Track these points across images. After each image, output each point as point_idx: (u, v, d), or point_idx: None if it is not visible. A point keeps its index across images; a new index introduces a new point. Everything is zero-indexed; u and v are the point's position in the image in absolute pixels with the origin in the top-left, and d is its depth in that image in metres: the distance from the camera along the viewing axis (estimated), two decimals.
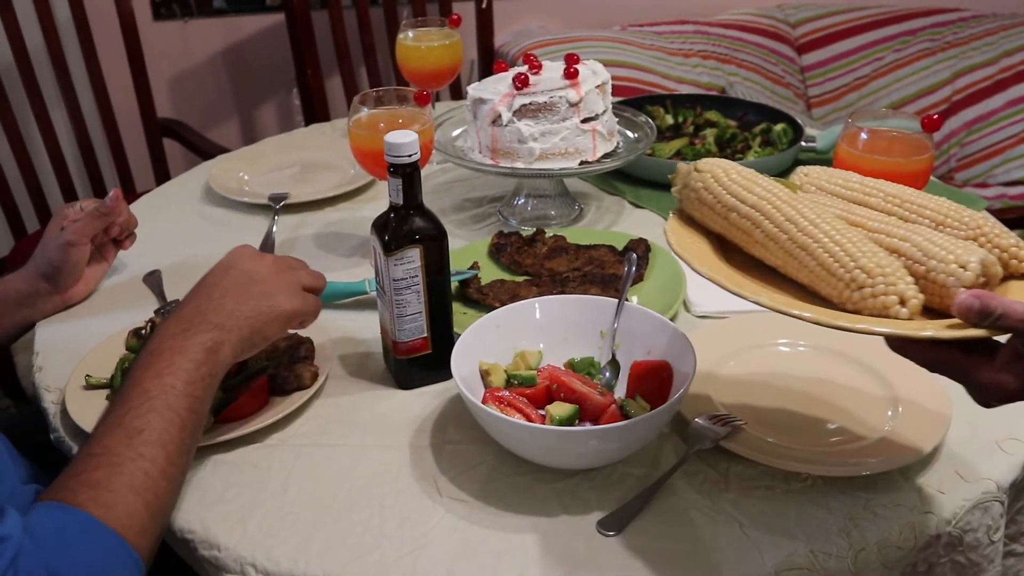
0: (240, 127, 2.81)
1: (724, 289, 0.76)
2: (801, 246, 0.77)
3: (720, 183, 0.84)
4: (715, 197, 0.84)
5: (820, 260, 0.76)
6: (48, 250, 1.18)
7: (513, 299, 1.15)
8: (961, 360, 0.71)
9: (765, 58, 2.80)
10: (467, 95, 1.39)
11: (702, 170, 0.85)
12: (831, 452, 0.92)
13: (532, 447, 0.90)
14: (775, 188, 0.82)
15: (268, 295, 0.94)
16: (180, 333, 0.88)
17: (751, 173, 0.84)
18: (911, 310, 0.72)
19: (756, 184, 0.83)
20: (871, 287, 0.73)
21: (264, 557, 0.83)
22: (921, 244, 0.76)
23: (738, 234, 0.83)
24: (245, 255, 0.98)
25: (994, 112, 2.84)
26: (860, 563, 0.82)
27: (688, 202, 0.87)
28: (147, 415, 0.82)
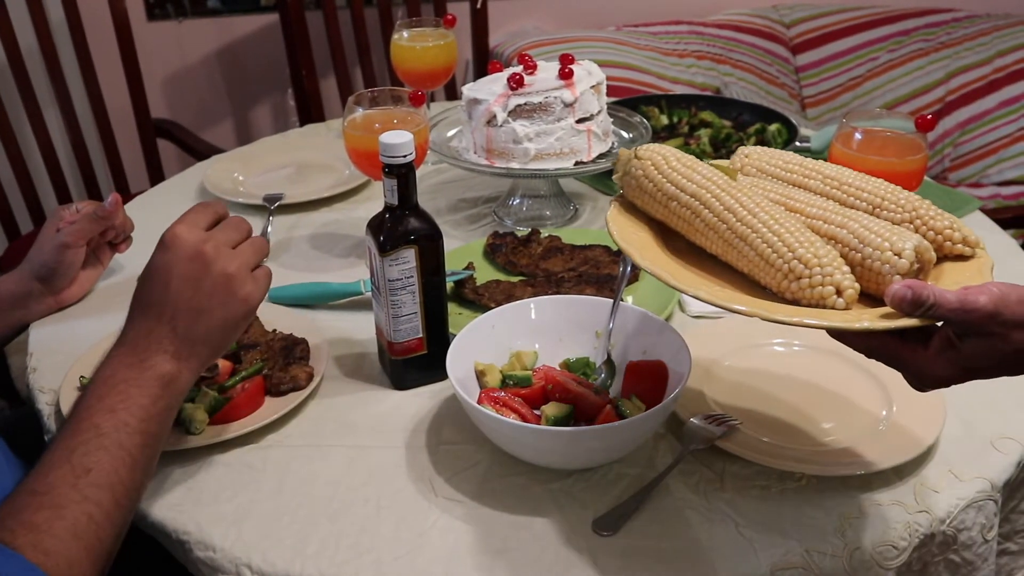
0: (235, 127, 2.81)
1: (665, 284, 0.76)
2: (740, 236, 0.78)
3: (660, 171, 0.84)
4: (655, 185, 0.84)
5: (759, 250, 0.76)
6: (43, 251, 1.18)
7: (508, 299, 1.15)
8: (897, 347, 0.72)
9: (760, 58, 2.80)
10: (462, 95, 1.39)
11: (642, 157, 0.85)
12: (826, 452, 0.92)
13: (528, 447, 0.90)
14: (714, 175, 0.82)
15: (223, 302, 0.85)
16: (136, 364, 0.82)
17: (691, 160, 0.84)
18: (847, 300, 0.73)
19: (695, 172, 0.83)
20: (808, 277, 0.74)
21: (260, 558, 0.83)
22: (857, 231, 0.76)
23: (679, 222, 0.83)
24: (181, 256, 0.84)
25: (988, 112, 2.85)
26: (855, 562, 0.82)
27: (629, 189, 0.87)
28: (96, 453, 0.77)
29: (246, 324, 0.89)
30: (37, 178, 2.13)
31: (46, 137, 2.11)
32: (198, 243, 0.84)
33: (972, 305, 0.66)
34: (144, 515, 0.89)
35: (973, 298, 0.67)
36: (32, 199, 2.11)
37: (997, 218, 1.54)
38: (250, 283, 0.87)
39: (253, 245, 0.90)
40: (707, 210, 0.80)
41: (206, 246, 0.84)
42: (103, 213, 1.21)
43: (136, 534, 0.90)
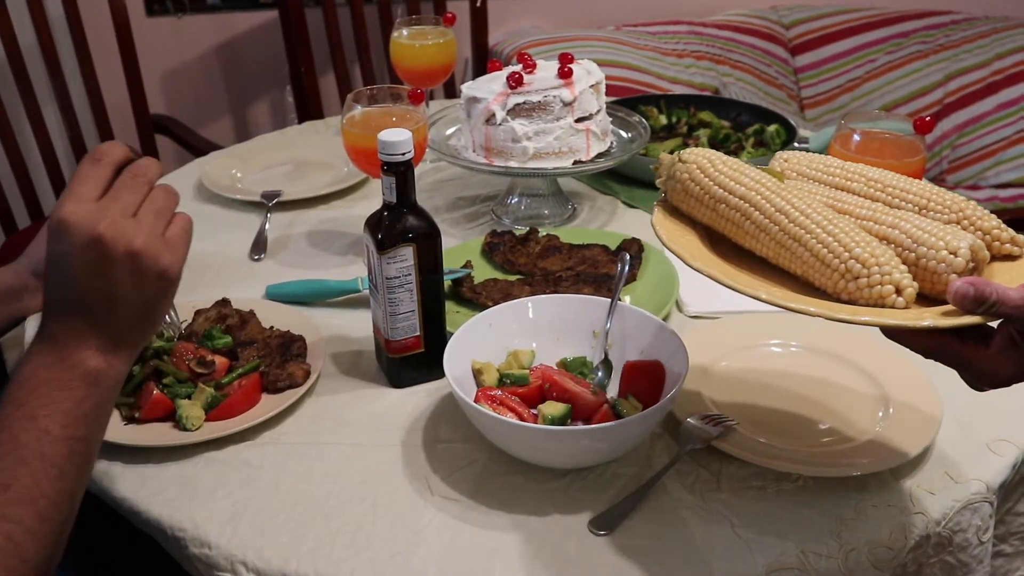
0: (233, 124, 2.81)
1: (720, 284, 0.75)
2: (793, 237, 0.77)
3: (706, 174, 0.83)
4: (702, 188, 0.83)
5: (813, 251, 0.76)
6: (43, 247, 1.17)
7: (506, 298, 1.15)
8: (956, 347, 0.71)
9: (759, 59, 2.81)
10: (461, 94, 1.39)
11: (687, 160, 0.84)
12: (822, 453, 0.92)
13: (524, 446, 0.90)
14: (763, 178, 0.81)
15: (136, 285, 0.74)
16: (56, 363, 0.73)
17: (736, 163, 0.83)
18: (907, 299, 0.72)
19: (743, 174, 0.82)
20: (866, 277, 0.73)
21: (255, 556, 0.83)
22: (910, 231, 0.76)
23: (727, 225, 0.82)
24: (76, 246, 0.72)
25: (986, 115, 2.85)
26: (850, 563, 0.82)
27: (674, 193, 0.86)
28: (15, 468, 0.70)
29: (171, 297, 0.79)
30: (35, 174, 2.12)
31: (44, 133, 2.10)
32: (90, 226, 0.72)
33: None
34: (139, 512, 0.88)
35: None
36: (30, 195, 2.10)
37: None
38: (164, 253, 0.75)
39: (155, 204, 0.76)
40: (758, 212, 0.79)
41: (100, 227, 0.72)
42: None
43: (131, 531, 0.90)
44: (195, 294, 1.23)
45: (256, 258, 1.34)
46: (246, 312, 1.12)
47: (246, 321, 1.11)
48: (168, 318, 1.14)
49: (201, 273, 1.30)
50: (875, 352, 1.06)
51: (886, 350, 1.06)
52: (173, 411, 0.96)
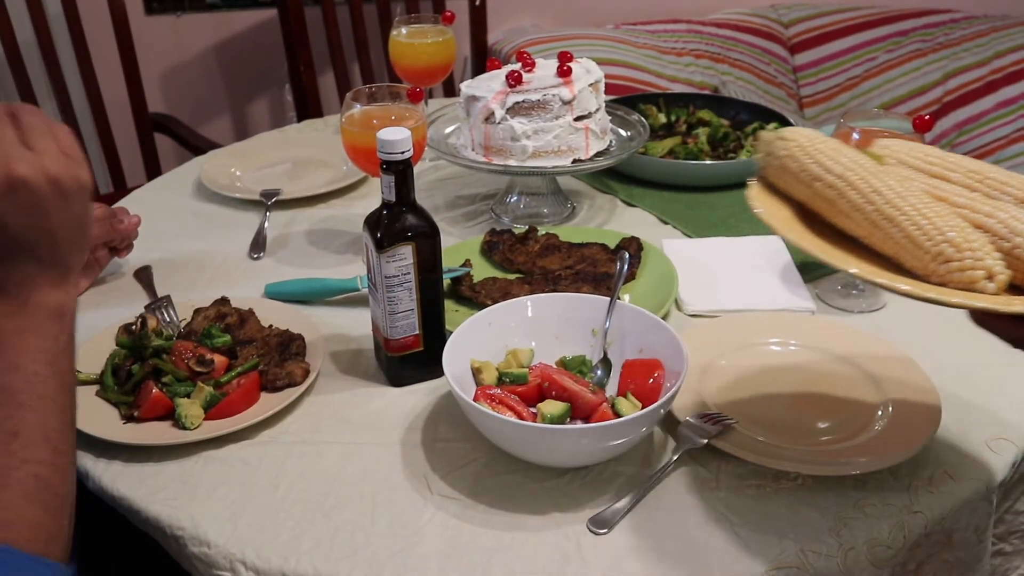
0: (232, 123, 2.80)
1: (812, 256, 0.76)
2: (887, 217, 0.78)
3: (806, 152, 0.84)
4: (800, 166, 0.83)
5: (907, 232, 0.76)
6: None
7: (505, 297, 1.15)
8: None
9: (758, 57, 2.81)
10: (460, 92, 1.39)
11: (787, 138, 0.85)
12: (821, 451, 0.92)
13: (523, 445, 0.90)
14: (861, 159, 0.82)
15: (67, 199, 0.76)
16: (18, 311, 0.75)
17: (836, 143, 0.84)
18: (998, 285, 0.72)
19: (842, 154, 0.83)
20: (958, 261, 0.73)
21: (254, 554, 0.83)
22: (1007, 221, 0.76)
23: (822, 203, 0.83)
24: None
25: (985, 113, 2.85)
26: (849, 562, 0.82)
27: (771, 170, 0.87)
28: (19, 414, 0.73)
29: (91, 206, 0.81)
30: None
31: None
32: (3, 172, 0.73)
33: None
34: (138, 510, 0.88)
35: None
36: None
37: None
38: (74, 167, 0.77)
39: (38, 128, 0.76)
40: (853, 191, 0.80)
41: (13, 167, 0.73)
42: (121, 229, 1.21)
43: (130, 530, 0.90)
44: (194, 293, 1.23)
45: (255, 257, 1.34)
46: (245, 311, 1.12)
47: (245, 320, 1.11)
48: (167, 316, 1.14)
49: (200, 272, 1.30)
50: (874, 351, 1.06)
51: (885, 349, 1.06)
52: (172, 410, 0.96)
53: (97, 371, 1.03)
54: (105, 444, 0.95)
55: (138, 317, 1.09)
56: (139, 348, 1.03)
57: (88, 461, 0.94)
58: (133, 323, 1.09)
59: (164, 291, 1.22)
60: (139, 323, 1.07)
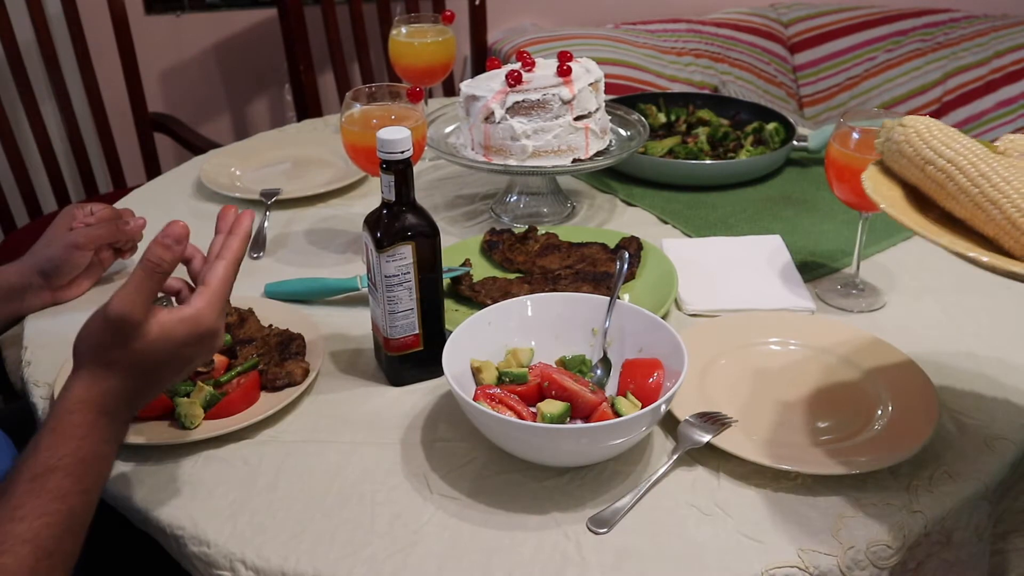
0: (232, 122, 2.80)
1: (905, 226, 0.81)
2: (991, 200, 0.82)
3: (921, 137, 0.88)
4: (915, 150, 0.88)
5: (1007, 214, 0.81)
6: (52, 247, 1.18)
7: (505, 296, 1.15)
8: None
9: (758, 57, 2.80)
10: (460, 92, 1.39)
11: (906, 125, 0.89)
12: (821, 451, 0.92)
13: (523, 444, 0.90)
14: (974, 146, 0.86)
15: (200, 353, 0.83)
16: (113, 440, 0.79)
17: (952, 131, 0.88)
18: None
19: (955, 141, 0.87)
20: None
21: (254, 554, 0.83)
22: None
23: (931, 186, 0.87)
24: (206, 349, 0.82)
25: (985, 113, 2.85)
26: (849, 561, 0.82)
27: (889, 154, 0.91)
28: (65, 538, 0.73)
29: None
30: (34, 172, 2.12)
31: (43, 131, 2.10)
32: (217, 330, 0.82)
33: None
34: (138, 510, 0.88)
35: None
36: (29, 193, 2.10)
37: None
38: (220, 332, 0.84)
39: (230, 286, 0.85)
40: (961, 175, 0.84)
41: (217, 321, 0.82)
42: (127, 231, 1.22)
43: (130, 529, 0.90)
44: None
45: (255, 256, 1.34)
46: (245, 310, 1.12)
47: (245, 319, 1.11)
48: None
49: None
50: (874, 350, 1.06)
51: (885, 348, 1.06)
52: (172, 409, 0.96)
53: None
54: None
55: None
56: None
57: None
58: None
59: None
60: None
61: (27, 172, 2.09)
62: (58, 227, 1.19)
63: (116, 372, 0.78)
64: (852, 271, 1.23)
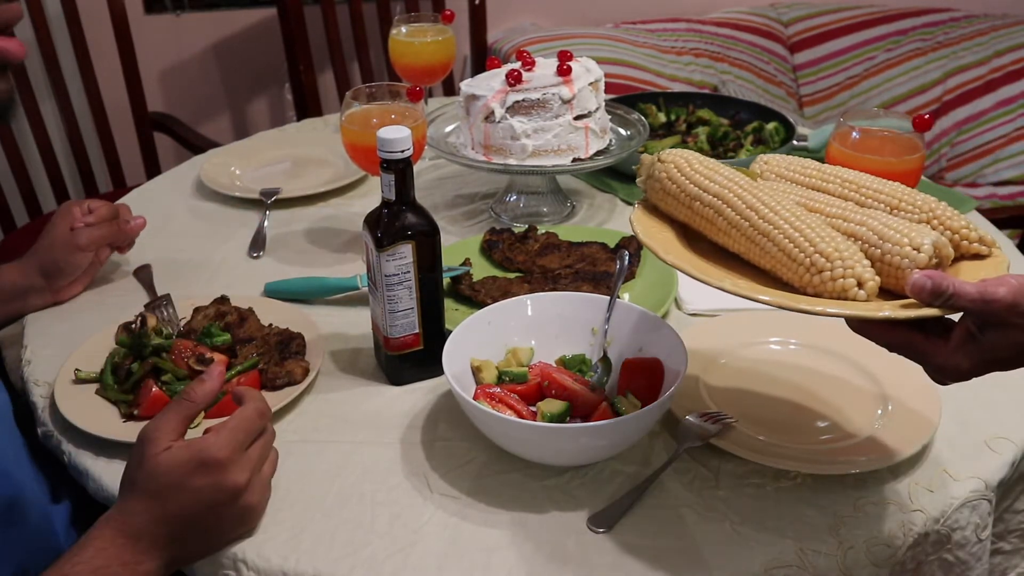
0: (232, 122, 2.80)
1: (689, 276, 0.78)
2: (762, 232, 0.80)
3: (683, 173, 0.86)
4: (679, 187, 0.86)
5: (780, 246, 0.78)
6: (55, 249, 1.17)
7: (505, 296, 1.15)
8: (918, 341, 0.73)
9: (757, 56, 2.80)
10: (460, 91, 1.39)
11: (665, 160, 0.87)
12: (821, 450, 0.92)
13: (523, 444, 0.90)
14: (736, 177, 0.84)
15: (233, 525, 0.83)
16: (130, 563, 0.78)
17: (713, 163, 0.86)
18: (868, 292, 0.74)
19: (718, 173, 0.85)
20: (830, 271, 0.75)
21: (255, 554, 0.83)
22: (876, 228, 0.78)
23: (702, 222, 0.85)
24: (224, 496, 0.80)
25: (985, 112, 2.85)
26: (849, 561, 0.82)
27: (653, 192, 0.89)
28: None
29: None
30: (33, 171, 2.12)
31: (43, 130, 2.10)
32: (240, 484, 0.81)
33: (991, 296, 0.67)
34: None
35: (992, 289, 0.67)
36: (28, 192, 2.10)
37: (993, 218, 1.55)
38: (263, 501, 0.85)
39: (264, 445, 0.86)
40: (730, 208, 0.82)
41: (242, 477, 0.81)
42: (127, 231, 1.22)
43: None
44: (194, 291, 1.23)
45: (255, 255, 1.34)
46: (245, 309, 1.12)
47: (245, 318, 1.11)
48: (167, 315, 1.14)
49: (200, 270, 1.30)
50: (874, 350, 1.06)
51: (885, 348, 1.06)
52: None
53: (97, 370, 1.03)
54: (105, 443, 0.95)
55: (138, 316, 1.09)
56: (139, 347, 1.03)
57: (88, 460, 0.94)
58: (133, 322, 1.09)
59: (164, 290, 1.22)
60: (139, 322, 1.07)
61: (27, 171, 2.09)
62: (58, 227, 1.19)
63: (133, 491, 0.80)
64: None
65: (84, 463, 0.94)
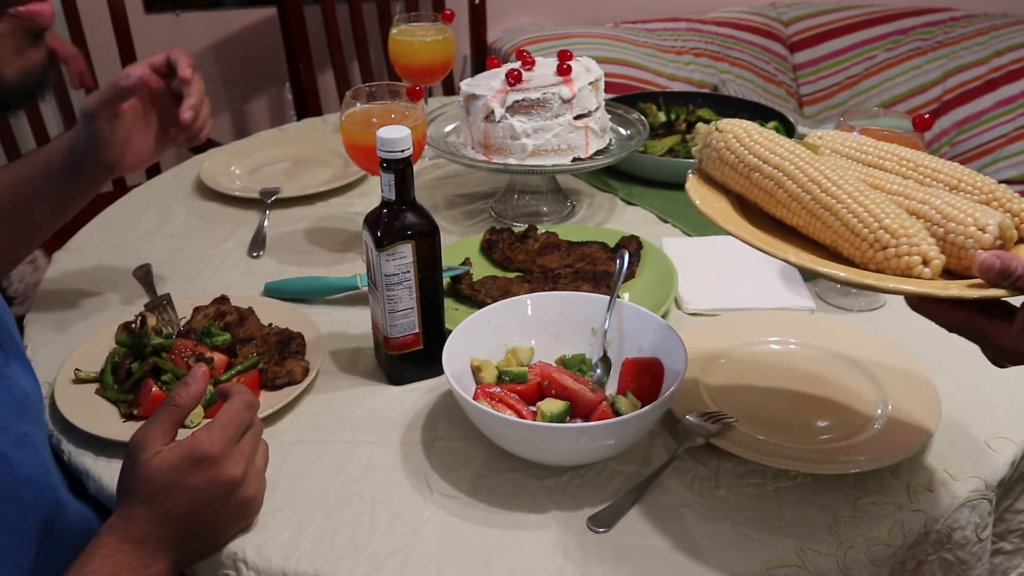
0: (232, 121, 2.80)
1: (751, 246, 0.76)
2: (824, 206, 0.78)
3: (742, 143, 0.84)
4: (737, 157, 0.84)
5: (844, 220, 0.76)
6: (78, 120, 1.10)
7: (505, 295, 1.15)
8: (981, 322, 0.72)
9: (757, 56, 2.80)
10: (460, 91, 1.39)
11: (723, 130, 0.85)
12: (821, 450, 0.92)
13: (523, 444, 0.90)
14: (797, 149, 0.82)
15: (236, 519, 0.84)
16: (139, 567, 0.78)
17: (772, 134, 0.85)
18: (933, 270, 0.73)
19: (778, 145, 0.83)
20: (895, 247, 0.74)
21: (255, 553, 0.83)
22: (940, 207, 0.76)
23: (759, 194, 0.83)
24: (215, 486, 0.80)
25: (984, 112, 2.85)
26: (849, 561, 0.82)
27: (709, 162, 0.87)
28: None
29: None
30: None
31: (42, 129, 2.10)
32: (237, 477, 0.81)
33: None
34: None
35: None
36: None
37: None
38: (260, 492, 0.86)
39: (255, 439, 0.86)
40: (791, 181, 0.80)
41: (238, 471, 0.81)
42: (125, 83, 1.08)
43: None
44: (193, 291, 1.23)
45: (255, 255, 1.34)
46: (245, 309, 1.12)
47: (245, 318, 1.11)
48: (167, 315, 1.14)
49: (199, 270, 1.30)
50: (874, 349, 1.06)
51: (885, 348, 1.06)
52: None
53: (97, 369, 1.03)
54: (105, 443, 0.95)
55: (138, 315, 1.09)
56: (139, 346, 1.03)
57: (88, 460, 0.94)
58: (133, 321, 1.09)
59: (164, 289, 1.22)
60: (139, 321, 1.07)
61: None
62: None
63: (131, 497, 0.80)
64: None
65: (84, 463, 0.94)
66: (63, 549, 0.81)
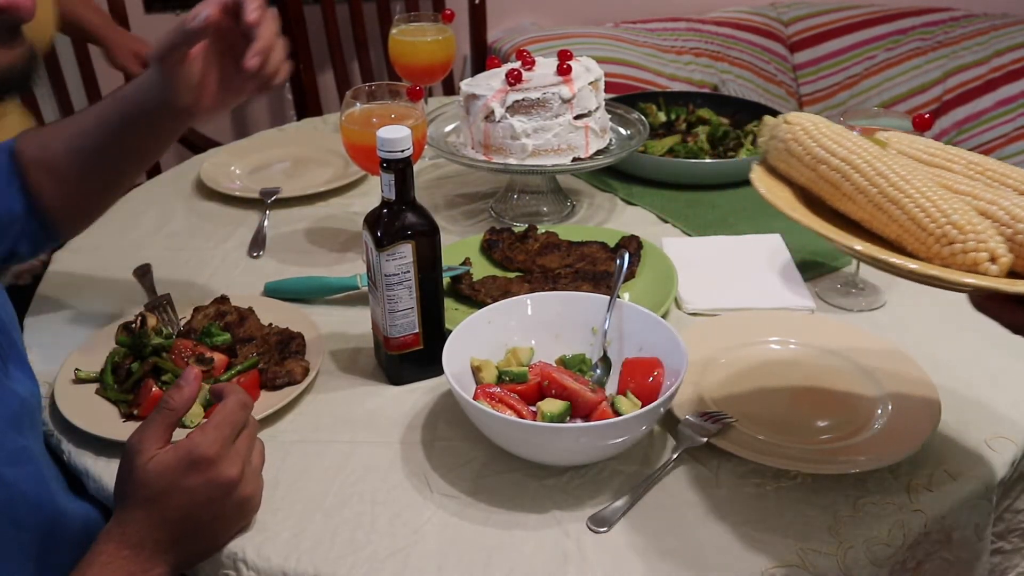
0: (231, 121, 2.80)
1: (816, 233, 0.76)
2: (891, 200, 0.78)
3: (810, 135, 0.84)
4: (804, 149, 0.84)
5: (910, 214, 0.76)
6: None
7: (505, 295, 1.15)
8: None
9: (757, 56, 2.80)
10: (460, 91, 1.39)
11: (792, 122, 0.86)
12: (821, 450, 0.92)
13: (523, 444, 0.90)
14: (865, 143, 0.83)
15: (235, 520, 0.84)
16: (138, 571, 0.78)
17: (840, 128, 0.85)
18: (1000, 268, 0.72)
19: (846, 139, 0.83)
20: (962, 243, 0.73)
21: (255, 553, 0.83)
22: (1009, 208, 0.77)
23: (825, 186, 0.83)
24: (213, 487, 0.80)
25: (985, 112, 2.85)
26: (849, 560, 0.82)
27: (775, 153, 0.87)
28: None
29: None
30: None
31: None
32: (234, 477, 0.81)
33: None
34: None
35: None
36: None
37: None
38: (258, 491, 0.86)
39: (250, 439, 0.86)
40: (857, 174, 0.80)
41: (234, 471, 0.81)
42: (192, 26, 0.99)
43: None
44: (193, 291, 1.23)
45: (255, 255, 1.34)
46: (245, 309, 1.12)
47: (245, 318, 1.11)
48: (167, 315, 1.14)
49: (199, 270, 1.30)
50: (874, 349, 1.06)
51: (885, 348, 1.06)
52: None
53: (97, 369, 1.03)
54: (105, 443, 0.95)
55: (138, 315, 1.09)
56: (139, 346, 1.03)
57: (88, 460, 0.94)
58: (133, 321, 1.09)
59: (164, 289, 1.22)
60: (139, 321, 1.07)
61: None
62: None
63: (128, 502, 0.79)
64: (852, 270, 1.23)
65: (84, 463, 0.94)
66: (63, 554, 0.81)
